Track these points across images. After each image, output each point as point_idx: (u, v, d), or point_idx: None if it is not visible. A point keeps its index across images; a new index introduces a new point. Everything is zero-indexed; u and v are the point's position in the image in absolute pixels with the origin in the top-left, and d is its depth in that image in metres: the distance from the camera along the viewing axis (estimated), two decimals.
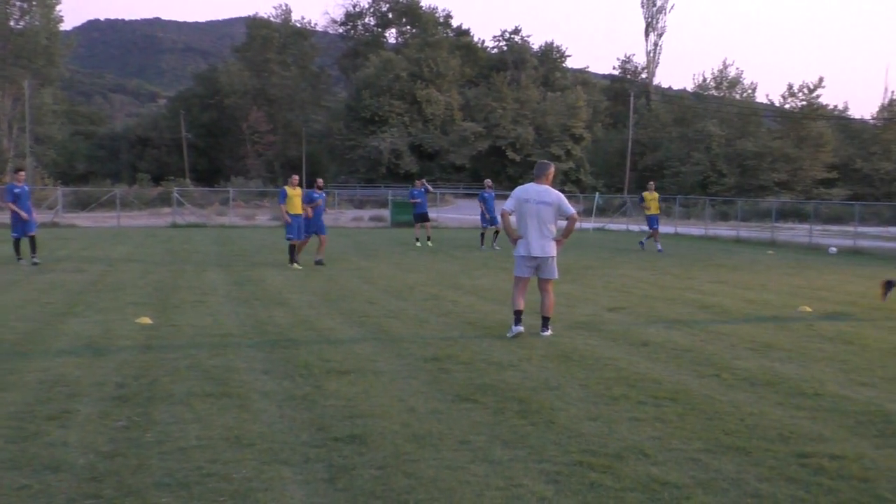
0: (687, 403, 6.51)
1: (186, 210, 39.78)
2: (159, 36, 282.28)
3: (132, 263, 18.05)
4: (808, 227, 32.85)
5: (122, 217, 37.95)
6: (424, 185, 25.92)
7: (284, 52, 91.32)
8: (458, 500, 4.42)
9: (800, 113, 78.30)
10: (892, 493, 4.58)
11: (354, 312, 11.29)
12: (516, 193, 9.59)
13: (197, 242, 25.38)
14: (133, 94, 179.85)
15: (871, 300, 13.64)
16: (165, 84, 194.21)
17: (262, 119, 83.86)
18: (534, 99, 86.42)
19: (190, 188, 54.24)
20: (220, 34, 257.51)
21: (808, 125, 76.17)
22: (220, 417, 5.96)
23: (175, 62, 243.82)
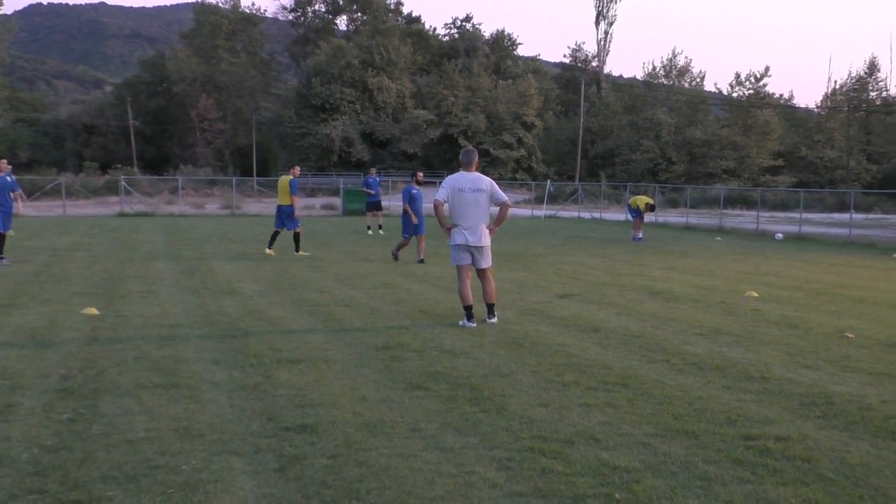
0: (637, 388, 6.57)
1: (134, 199, 39.13)
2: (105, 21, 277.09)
3: (78, 253, 17.72)
4: (755, 214, 33.34)
5: (68, 206, 37.21)
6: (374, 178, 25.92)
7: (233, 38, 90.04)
8: (409, 487, 4.41)
9: (747, 101, 79.44)
10: (833, 472, 4.68)
11: (305, 301, 11.21)
12: (448, 183, 9.52)
13: (145, 231, 25.01)
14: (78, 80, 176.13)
15: (815, 285, 13.91)
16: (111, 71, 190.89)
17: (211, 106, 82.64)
18: (485, 87, 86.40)
19: (138, 176, 53.35)
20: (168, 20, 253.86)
21: (755, 113, 77.35)
22: (168, 408, 5.88)
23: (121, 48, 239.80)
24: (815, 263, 18.08)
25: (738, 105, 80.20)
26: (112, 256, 17.12)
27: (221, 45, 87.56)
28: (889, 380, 6.98)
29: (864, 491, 4.42)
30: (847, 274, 15.97)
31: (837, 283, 14.24)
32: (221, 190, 51.47)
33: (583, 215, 41.27)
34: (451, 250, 9.65)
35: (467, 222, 9.36)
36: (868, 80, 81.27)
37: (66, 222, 29.82)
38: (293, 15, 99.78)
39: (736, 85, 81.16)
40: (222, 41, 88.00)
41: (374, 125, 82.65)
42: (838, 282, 14.52)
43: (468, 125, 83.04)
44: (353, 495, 4.30)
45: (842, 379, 7.00)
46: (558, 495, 4.33)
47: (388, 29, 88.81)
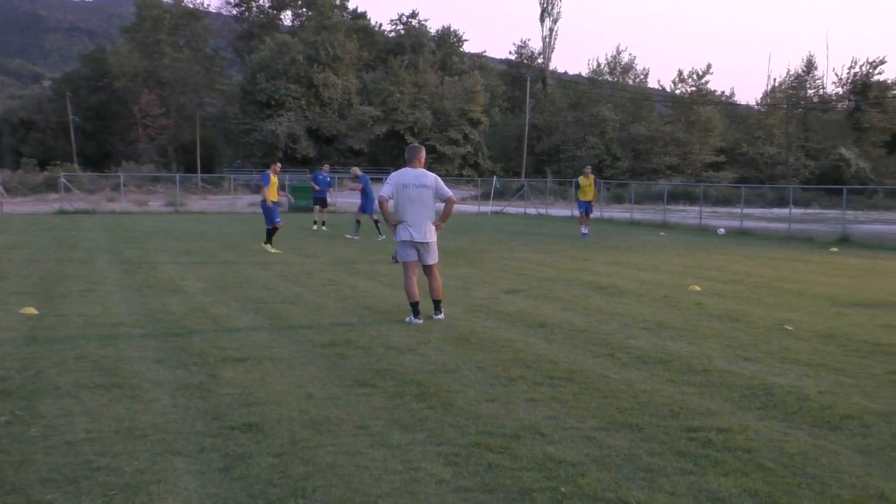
0: (582, 383, 6.63)
1: (74, 196, 38.37)
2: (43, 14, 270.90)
3: (16, 251, 17.32)
4: (698, 209, 33.83)
5: (5, 203, 36.35)
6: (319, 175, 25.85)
7: (176, 33, 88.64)
8: (356, 485, 4.39)
9: (689, 98, 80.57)
10: (772, 462, 4.77)
11: (250, 299, 11.11)
12: (393, 179, 9.50)
13: (86, 229, 24.56)
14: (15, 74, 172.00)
15: (755, 279, 14.17)
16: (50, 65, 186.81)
17: (153, 102, 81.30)
18: (431, 83, 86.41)
19: (78, 173, 52.34)
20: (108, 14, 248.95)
21: (698, 110, 78.50)
22: (110, 409, 5.78)
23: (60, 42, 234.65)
24: (755, 258, 18.41)
25: (681, 102, 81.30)
26: (51, 255, 16.77)
27: (164, 40, 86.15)
28: (826, 371, 7.14)
29: (802, 479, 4.52)
30: (786, 268, 16.30)
31: (777, 277, 14.53)
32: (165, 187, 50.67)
33: (529, 211, 41.48)
34: (396, 246, 9.64)
35: (412, 218, 9.36)
36: (806, 77, 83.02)
37: (4, 220, 29.13)
38: (237, 10, 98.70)
39: (679, 82, 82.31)
40: (165, 36, 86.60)
41: (319, 121, 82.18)
42: (778, 275, 14.81)
43: (414, 121, 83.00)
44: (299, 494, 4.28)
45: (781, 370, 7.14)
46: (504, 490, 4.35)
47: (333, 24, 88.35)
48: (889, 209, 44.94)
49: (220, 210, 38.39)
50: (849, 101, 78.71)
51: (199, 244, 19.84)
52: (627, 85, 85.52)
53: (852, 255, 19.39)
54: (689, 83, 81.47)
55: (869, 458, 4.89)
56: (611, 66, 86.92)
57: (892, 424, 5.56)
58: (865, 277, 14.73)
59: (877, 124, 74.85)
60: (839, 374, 7.04)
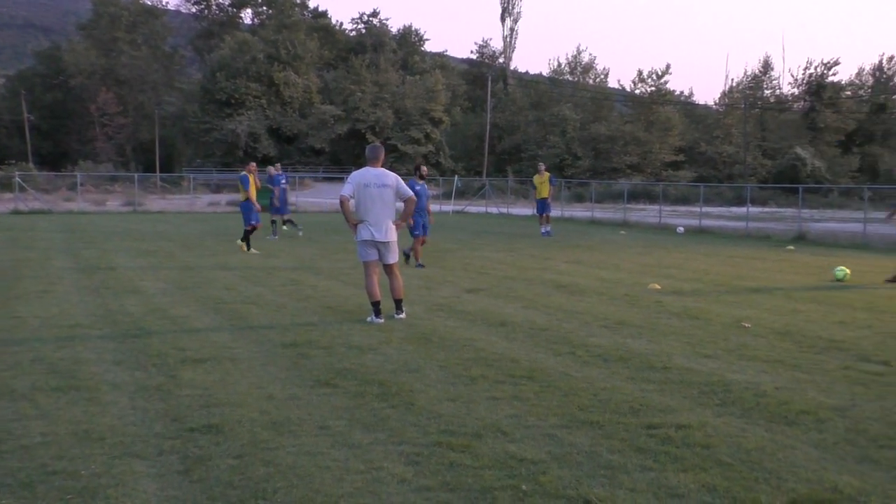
0: (543, 381, 6.66)
1: (30, 196, 37.76)
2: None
3: None
4: (658, 208, 34.18)
5: None
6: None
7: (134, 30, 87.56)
8: (317, 485, 4.38)
9: (649, 98, 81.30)
10: (730, 458, 4.83)
11: (210, 299, 11.01)
12: (354, 178, 9.47)
13: (42, 230, 24.20)
14: None
15: (714, 277, 14.33)
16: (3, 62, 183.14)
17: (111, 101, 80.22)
18: (393, 82, 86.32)
19: (33, 172, 51.50)
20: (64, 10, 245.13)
21: (657, 110, 79.28)
22: (67, 412, 5.70)
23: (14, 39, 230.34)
24: (714, 256, 18.62)
25: (641, 102, 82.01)
26: (7, 256, 16.49)
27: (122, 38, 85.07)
28: (783, 367, 7.25)
29: (759, 474, 4.58)
30: (744, 266, 16.50)
31: (735, 275, 14.70)
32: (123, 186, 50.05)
33: (490, 210, 41.59)
34: (357, 246, 9.61)
35: (373, 218, 9.34)
36: (763, 78, 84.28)
37: None
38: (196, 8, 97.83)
39: (638, 82, 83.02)
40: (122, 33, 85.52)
41: (280, 120, 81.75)
42: (736, 273, 15.00)
43: (376, 120, 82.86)
44: (260, 495, 4.25)
45: (739, 367, 7.23)
46: (466, 488, 4.35)
47: (294, 23, 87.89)
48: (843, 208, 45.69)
49: (180, 210, 38.02)
50: (804, 102, 79.98)
51: (158, 244, 19.63)
52: (588, 85, 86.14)
53: (808, 253, 19.68)
54: (648, 83, 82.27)
55: (824, 453, 4.97)
56: (571, 65, 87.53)
57: (846, 419, 5.66)
58: (821, 275, 14.96)
59: (831, 124, 76.14)
60: (795, 370, 7.15)
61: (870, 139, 78.58)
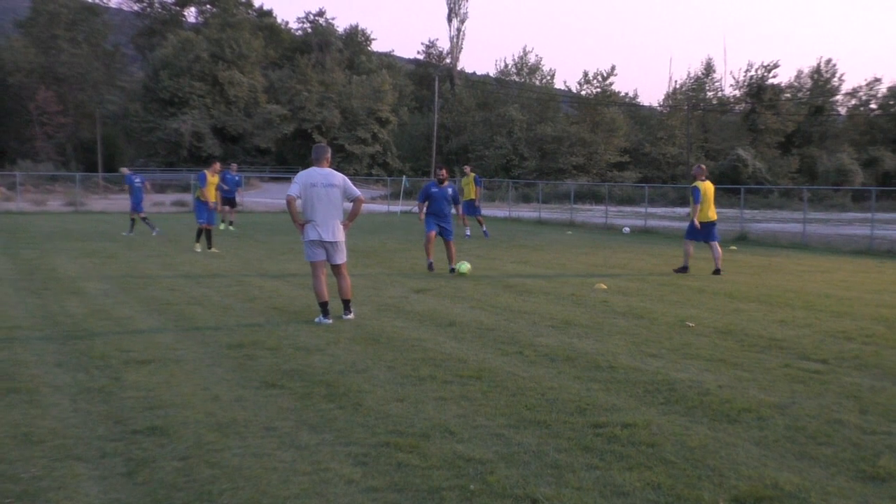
0: (491, 381, 6.69)
1: None
2: None
3: None
4: (604, 209, 34.52)
5: None
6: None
7: (74, 28, 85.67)
8: (263, 487, 4.35)
9: (594, 99, 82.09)
10: (675, 456, 4.91)
11: (155, 300, 10.86)
12: (301, 178, 9.43)
13: None
14: None
15: (659, 276, 14.52)
16: None
17: (51, 99, 78.47)
18: (339, 82, 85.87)
19: None
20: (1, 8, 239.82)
21: (602, 111, 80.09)
22: (5, 414, 5.58)
23: None
24: (659, 256, 18.86)
25: (587, 103, 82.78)
26: None
27: (61, 36, 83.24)
28: (725, 366, 7.37)
29: (703, 472, 4.66)
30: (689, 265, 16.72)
31: (679, 275, 14.90)
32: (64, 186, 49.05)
33: None
34: (304, 247, 9.56)
35: (320, 218, 9.29)
36: (705, 80, 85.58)
37: None
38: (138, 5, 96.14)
39: (584, 83, 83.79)
40: (62, 31, 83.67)
41: (225, 119, 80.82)
42: None
43: (322, 120, 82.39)
44: (206, 497, 4.21)
45: (683, 366, 7.34)
46: (414, 489, 4.36)
47: (238, 22, 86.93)
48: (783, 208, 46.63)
49: (123, 210, 37.31)
50: (745, 104, 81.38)
51: (101, 244, 19.28)
52: (534, 85, 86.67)
53: (749, 253, 20.04)
54: (594, 84, 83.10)
55: (765, 450, 5.07)
56: (518, 66, 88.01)
57: (786, 417, 5.78)
58: (762, 275, 15.25)
59: (771, 126, 77.56)
60: (737, 368, 7.28)
61: (808, 141, 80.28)
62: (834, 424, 5.61)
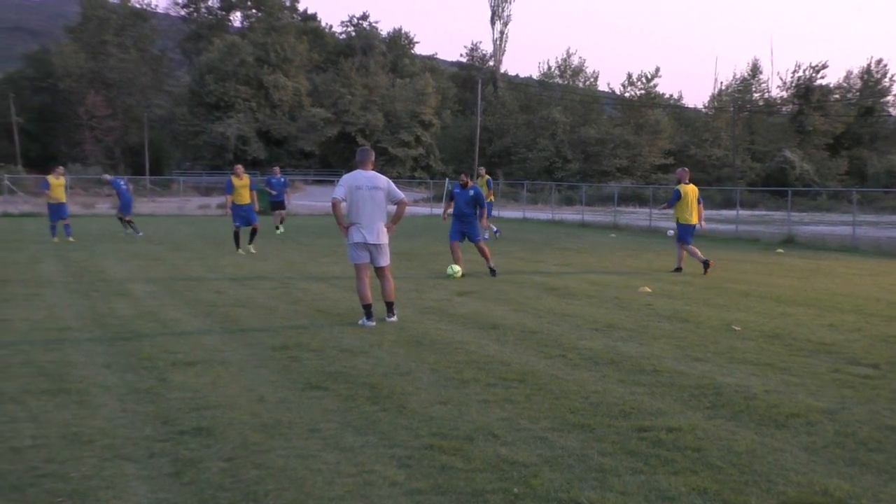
0: (534, 384, 6.66)
1: (19, 198, 37.60)
2: None
3: None
4: (648, 211, 34.23)
5: None
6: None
7: (123, 33, 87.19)
8: (308, 488, 4.37)
9: (638, 101, 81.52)
10: (721, 460, 4.85)
11: (201, 302, 10.98)
12: (346, 181, 9.46)
13: (31, 232, 24.10)
14: None
15: (704, 279, 14.37)
16: None
17: (100, 103, 79.87)
18: (382, 85, 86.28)
19: (22, 175, 51.31)
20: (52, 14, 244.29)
21: (646, 113, 79.49)
22: (56, 414, 5.68)
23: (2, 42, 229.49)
24: None
25: (630, 105, 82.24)
26: None
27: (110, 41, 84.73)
28: (773, 370, 7.27)
29: (749, 477, 4.59)
30: (734, 269, 16.57)
31: (725, 278, 14.75)
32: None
33: None
34: (348, 249, 9.60)
35: (365, 220, 9.33)
36: (751, 81, 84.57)
37: None
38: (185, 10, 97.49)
39: (628, 85, 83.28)
40: (111, 36, 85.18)
41: (269, 123, 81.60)
42: (725, 276, 15.05)
43: (365, 123, 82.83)
44: (251, 498, 4.24)
45: (729, 370, 7.25)
46: (457, 492, 4.35)
47: (283, 26, 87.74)
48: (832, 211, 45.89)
49: (169, 212, 37.91)
50: (793, 105, 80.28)
51: (148, 247, 19.57)
52: (577, 88, 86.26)
53: (797, 256, 19.77)
54: (637, 86, 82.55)
55: (813, 456, 4.99)
56: (561, 68, 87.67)
57: (835, 422, 5.68)
58: (810, 278, 15.03)
59: (819, 127, 76.46)
60: (785, 373, 7.18)
61: (857, 142, 79.01)
62: (885, 430, 5.51)
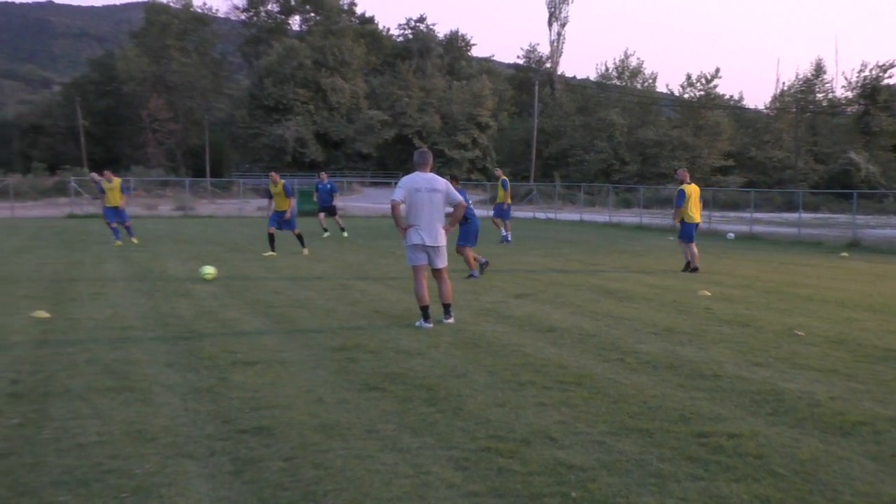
0: (592, 387, 6.61)
1: (84, 200, 38.51)
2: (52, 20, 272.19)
3: (26, 255, 17.40)
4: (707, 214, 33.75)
5: (16, 208, 36.52)
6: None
7: (184, 38, 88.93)
8: (366, 489, 4.39)
9: (698, 102, 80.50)
10: (784, 468, 4.75)
11: (260, 303, 11.12)
12: (405, 183, 9.45)
13: (95, 233, 24.63)
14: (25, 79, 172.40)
15: (765, 283, 14.12)
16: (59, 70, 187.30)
17: (162, 107, 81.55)
18: (439, 87, 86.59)
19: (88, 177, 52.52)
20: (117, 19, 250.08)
21: (706, 114, 78.46)
22: (120, 412, 5.80)
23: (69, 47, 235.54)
24: (765, 262, 18.36)
25: (689, 106, 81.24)
26: (61, 258, 16.83)
27: (172, 45, 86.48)
28: (837, 376, 7.11)
29: (814, 486, 4.50)
30: (796, 272, 16.25)
31: (787, 282, 14.48)
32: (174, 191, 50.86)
33: (537, 215, 41.48)
34: (406, 251, 9.63)
35: (423, 222, 9.35)
36: (815, 81, 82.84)
37: (14, 224, 29.25)
38: (245, 15, 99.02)
39: (687, 86, 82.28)
40: (173, 41, 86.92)
41: (327, 126, 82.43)
42: (788, 280, 14.77)
43: (422, 125, 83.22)
44: (310, 497, 4.28)
45: (791, 376, 7.11)
46: (515, 494, 4.34)
47: (341, 29, 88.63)
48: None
49: (229, 214, 38.51)
50: (858, 105, 78.49)
51: (208, 248, 19.89)
52: (635, 89, 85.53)
53: (862, 260, 19.33)
54: (697, 87, 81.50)
55: (881, 465, 4.86)
56: (619, 70, 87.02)
57: None
58: (876, 282, 14.68)
59: (886, 128, 74.61)
60: (850, 379, 7.01)
61: None
62: None
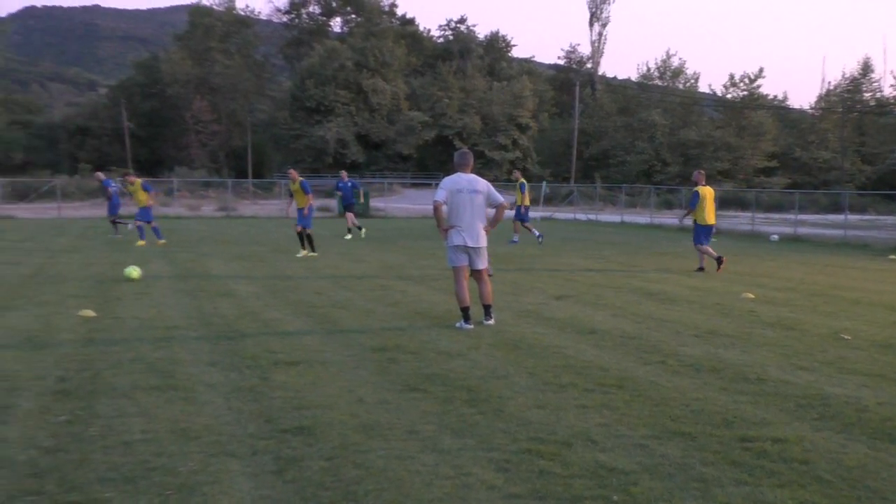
0: (633, 390, 6.57)
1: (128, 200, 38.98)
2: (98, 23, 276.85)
3: (73, 255, 17.69)
4: (751, 215, 33.41)
5: (63, 208, 37.17)
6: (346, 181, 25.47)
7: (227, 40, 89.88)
8: (407, 489, 4.40)
9: (741, 103, 79.65)
10: (829, 474, 4.68)
11: (301, 303, 11.19)
12: (447, 184, 9.45)
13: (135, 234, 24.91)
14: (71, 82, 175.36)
15: (810, 286, 13.92)
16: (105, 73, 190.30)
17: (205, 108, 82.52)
18: (480, 88, 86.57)
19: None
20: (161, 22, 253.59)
21: (749, 115, 77.58)
22: (165, 410, 5.87)
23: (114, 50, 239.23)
24: (810, 264, 18.11)
25: (732, 106, 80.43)
26: (107, 258, 17.09)
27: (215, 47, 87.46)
28: (885, 381, 6.99)
29: (861, 493, 4.42)
30: (842, 275, 16.01)
31: (833, 285, 14.26)
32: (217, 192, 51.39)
33: (578, 217, 41.31)
34: (447, 251, 9.64)
35: (465, 223, 9.34)
36: (862, 80, 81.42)
37: (61, 224, 29.76)
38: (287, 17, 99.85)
39: (730, 86, 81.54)
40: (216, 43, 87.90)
41: (368, 127, 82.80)
42: (833, 283, 14.55)
43: (463, 126, 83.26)
44: (351, 497, 4.30)
45: (838, 380, 7.00)
46: (556, 497, 4.32)
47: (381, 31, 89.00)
48: None
49: (271, 215, 38.79)
50: None
51: (250, 248, 20.06)
52: (677, 89, 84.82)
53: None
54: (740, 87, 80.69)
55: None
56: (660, 70, 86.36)
57: None
58: None
59: None
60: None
61: None
62: None
